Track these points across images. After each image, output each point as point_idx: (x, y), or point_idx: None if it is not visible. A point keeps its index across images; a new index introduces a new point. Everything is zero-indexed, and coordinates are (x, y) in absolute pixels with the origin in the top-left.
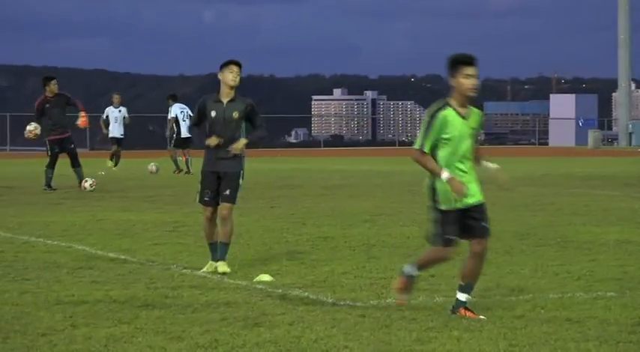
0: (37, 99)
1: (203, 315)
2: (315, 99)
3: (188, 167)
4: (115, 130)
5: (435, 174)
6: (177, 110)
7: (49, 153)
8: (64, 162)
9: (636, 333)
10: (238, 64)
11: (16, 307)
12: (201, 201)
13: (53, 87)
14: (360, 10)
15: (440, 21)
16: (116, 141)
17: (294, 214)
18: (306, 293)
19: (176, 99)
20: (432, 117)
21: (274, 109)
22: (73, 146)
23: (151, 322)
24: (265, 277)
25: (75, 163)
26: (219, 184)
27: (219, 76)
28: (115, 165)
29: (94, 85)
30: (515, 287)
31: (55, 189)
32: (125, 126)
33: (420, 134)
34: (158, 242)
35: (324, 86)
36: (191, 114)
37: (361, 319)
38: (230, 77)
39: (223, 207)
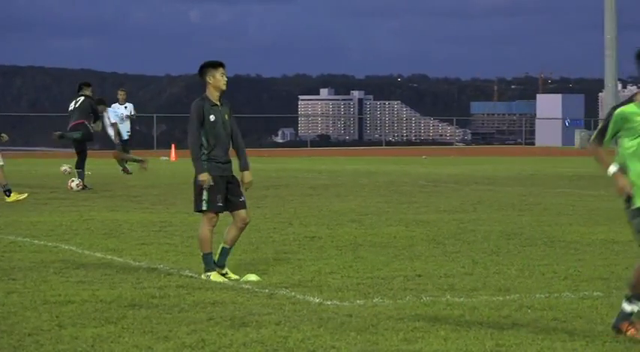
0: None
1: (190, 315)
2: (302, 99)
3: (125, 166)
4: (121, 129)
5: (602, 168)
6: (113, 114)
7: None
8: (48, 162)
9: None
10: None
11: (2, 307)
12: (213, 207)
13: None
14: (347, 9)
15: (427, 20)
16: (120, 141)
17: (280, 214)
18: (293, 293)
19: (107, 104)
20: (610, 113)
21: (261, 109)
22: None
23: (138, 322)
24: (252, 277)
25: (79, 164)
26: (227, 190)
27: (208, 79)
28: (124, 168)
29: None
30: (501, 287)
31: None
32: (132, 122)
33: (596, 129)
34: (145, 242)
35: (311, 86)
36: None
37: (348, 319)
38: (223, 81)
39: (244, 214)
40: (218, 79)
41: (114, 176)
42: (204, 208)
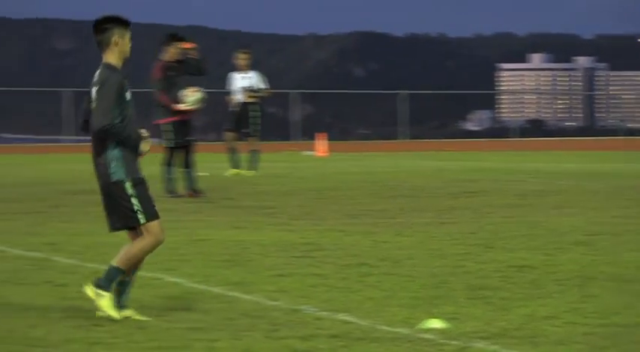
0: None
1: None
2: (505, 69)
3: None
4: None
5: None
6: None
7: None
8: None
9: None
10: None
11: None
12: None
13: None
14: None
15: None
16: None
17: (475, 233)
18: (495, 347)
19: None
20: None
21: (446, 83)
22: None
23: None
24: (436, 323)
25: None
26: None
27: (115, 40)
28: (254, 166)
29: None
30: None
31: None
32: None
33: None
34: (282, 273)
35: (517, 50)
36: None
37: None
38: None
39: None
40: (127, 43)
41: (234, 178)
42: (142, 221)
